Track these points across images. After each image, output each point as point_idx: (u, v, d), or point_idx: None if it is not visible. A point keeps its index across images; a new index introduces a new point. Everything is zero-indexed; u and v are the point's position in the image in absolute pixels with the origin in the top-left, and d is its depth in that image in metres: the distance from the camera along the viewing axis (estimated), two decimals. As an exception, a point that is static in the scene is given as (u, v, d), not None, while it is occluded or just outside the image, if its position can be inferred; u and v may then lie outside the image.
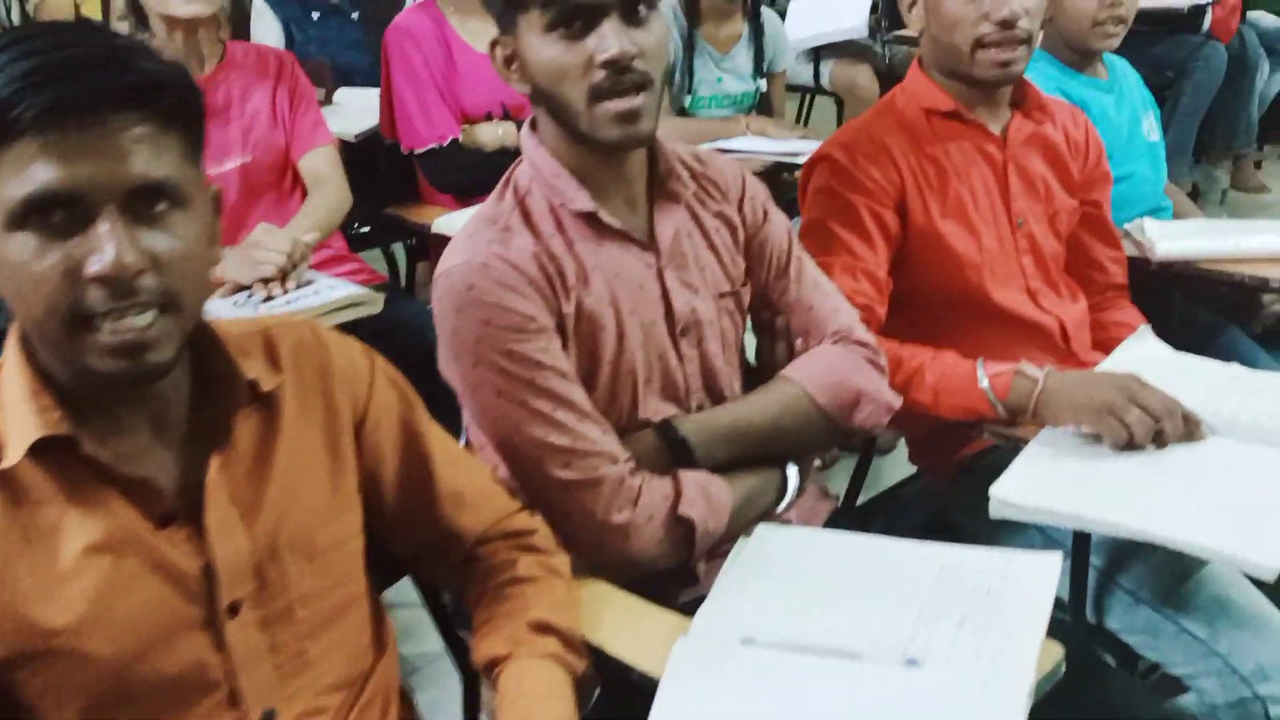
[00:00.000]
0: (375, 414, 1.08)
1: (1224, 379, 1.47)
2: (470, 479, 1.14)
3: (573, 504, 1.19)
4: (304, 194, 2.11)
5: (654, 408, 1.30)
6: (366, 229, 2.68)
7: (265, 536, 0.97)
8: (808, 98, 4.67)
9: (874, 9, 3.71)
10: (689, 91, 2.71)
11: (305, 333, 1.06)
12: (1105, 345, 1.75)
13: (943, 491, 1.67)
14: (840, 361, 1.35)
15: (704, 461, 1.27)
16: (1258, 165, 4.56)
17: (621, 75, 1.18)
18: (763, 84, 2.79)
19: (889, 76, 3.82)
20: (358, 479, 1.07)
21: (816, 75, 4.06)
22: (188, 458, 0.96)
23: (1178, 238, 1.86)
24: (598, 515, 1.18)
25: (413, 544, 1.14)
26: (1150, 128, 2.21)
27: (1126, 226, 1.99)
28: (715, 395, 1.35)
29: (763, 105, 2.82)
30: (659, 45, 1.21)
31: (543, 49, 1.18)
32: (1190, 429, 1.32)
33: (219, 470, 0.95)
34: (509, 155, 2.37)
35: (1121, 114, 2.16)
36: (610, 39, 1.16)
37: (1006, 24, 1.52)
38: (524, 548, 1.13)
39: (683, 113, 2.73)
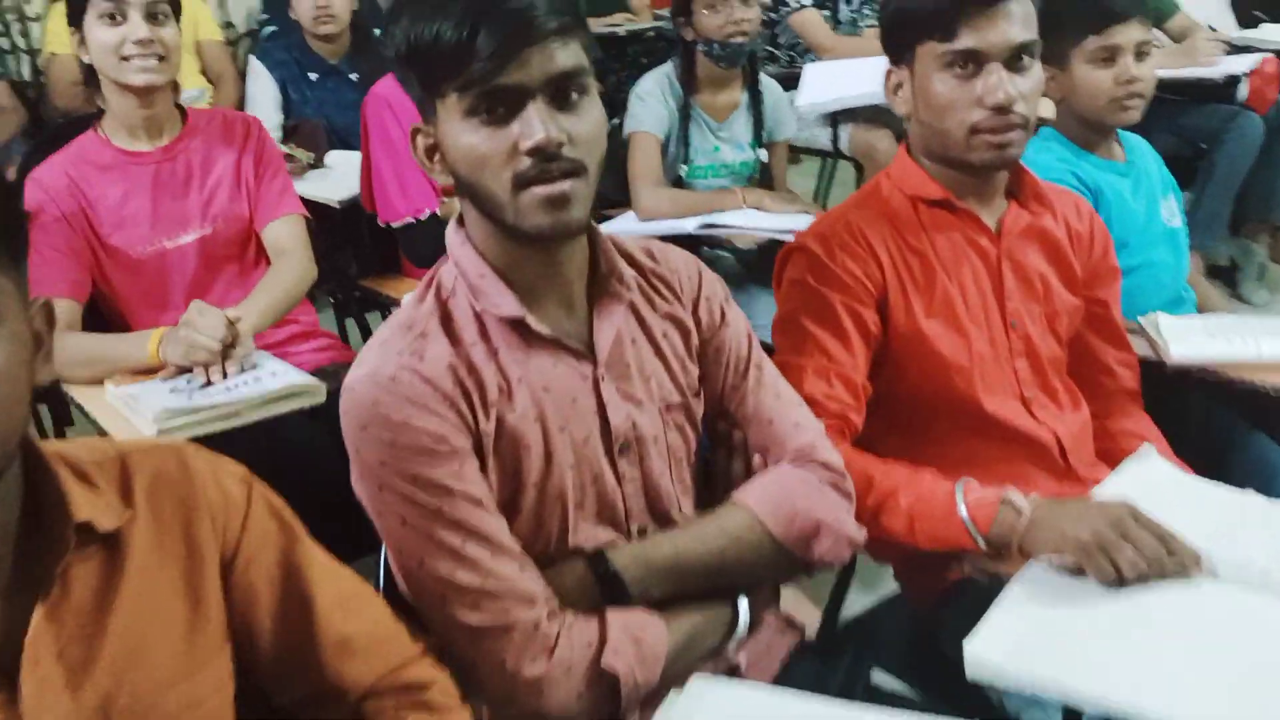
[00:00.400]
0: (249, 550, 0.96)
1: (1237, 510, 1.31)
2: (360, 623, 1.01)
3: (480, 652, 1.05)
4: (269, 265, 2.02)
5: (588, 534, 1.17)
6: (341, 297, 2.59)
7: (97, 701, 0.85)
8: (829, 163, 4.56)
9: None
10: (685, 161, 2.60)
11: (168, 460, 0.94)
12: (1112, 457, 1.59)
13: (929, 616, 1.52)
14: (799, 486, 1.21)
15: (639, 598, 1.14)
16: (1299, 237, 4.37)
17: (549, 163, 1.06)
18: (763, 154, 2.67)
19: (908, 142, 3.70)
20: (226, 625, 0.94)
21: (835, 140, 3.95)
22: (11, 609, 0.83)
23: (1194, 338, 1.70)
24: (508, 666, 1.05)
25: (293, 696, 1.01)
26: (1171, 213, 2.05)
27: (1140, 320, 1.84)
28: (660, 518, 1.22)
29: (764, 176, 2.70)
30: (593, 131, 1.10)
31: (462, 136, 1.07)
32: (1187, 566, 1.16)
33: (45, 623, 0.83)
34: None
35: (1139, 198, 2.01)
36: (535, 125, 1.05)
37: (1001, 109, 1.39)
38: (417, 705, 1.00)
39: (678, 182, 2.61)
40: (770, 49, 4.28)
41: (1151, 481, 1.36)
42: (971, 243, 1.49)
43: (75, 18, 1.85)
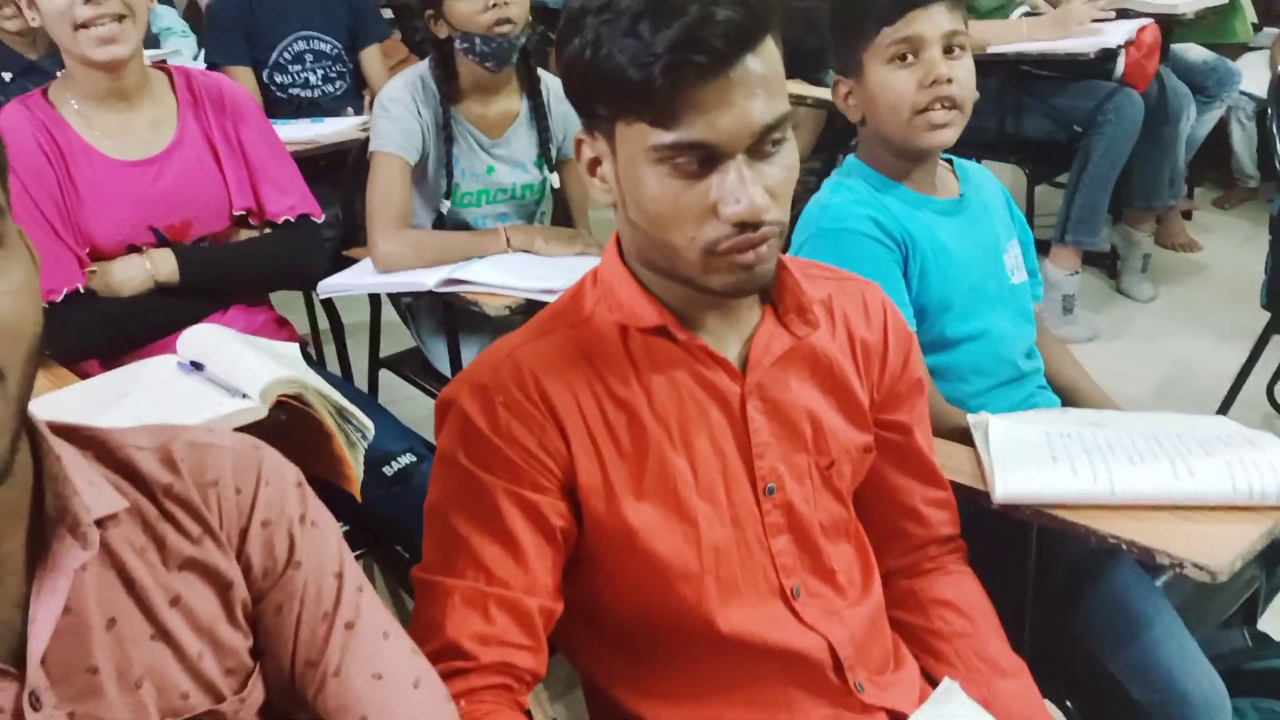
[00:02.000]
0: None
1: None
2: None
3: None
4: None
5: None
6: None
7: None
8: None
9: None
10: (448, 190, 2.09)
11: None
12: (919, 638, 1.20)
13: None
14: None
15: None
16: (1187, 215, 4.04)
17: None
18: (554, 177, 2.18)
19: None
20: None
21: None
22: None
23: (1030, 463, 1.27)
24: None
25: None
26: (1015, 264, 1.63)
27: (971, 420, 1.42)
28: None
29: (558, 203, 2.21)
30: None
31: None
32: None
33: None
34: (167, 296, 1.77)
35: (972, 245, 1.57)
36: None
37: (746, 226, 0.94)
38: None
39: (440, 218, 2.12)
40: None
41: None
42: (703, 383, 1.04)
43: None
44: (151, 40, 3.47)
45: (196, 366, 1.61)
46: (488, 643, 0.94)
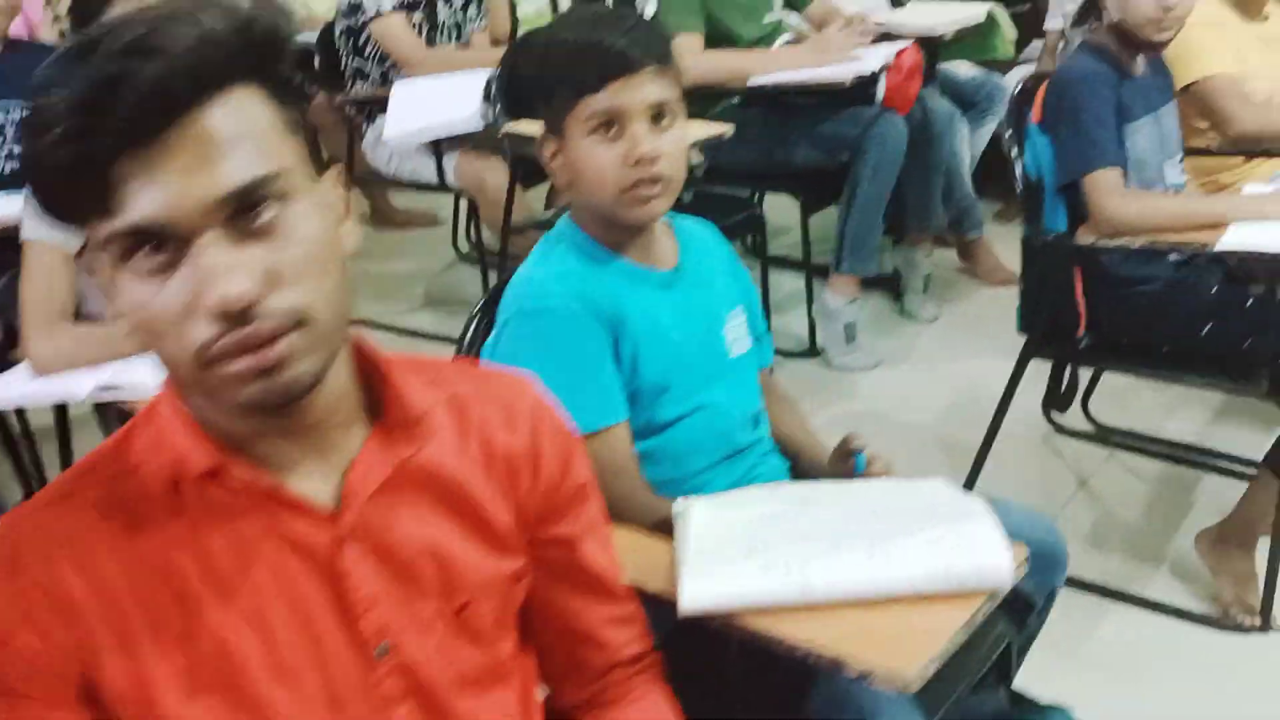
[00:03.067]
0: None
1: None
2: None
3: None
4: None
5: None
6: None
7: None
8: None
9: (487, 94, 2.97)
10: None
11: None
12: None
13: None
14: None
15: None
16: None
17: None
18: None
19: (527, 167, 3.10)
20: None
21: (440, 172, 3.30)
22: None
23: (718, 562, 1.12)
24: None
25: None
26: (736, 336, 1.49)
27: (675, 508, 1.27)
28: None
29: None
30: None
31: None
32: None
33: None
34: None
35: (689, 321, 1.43)
36: None
37: (233, 320, 0.75)
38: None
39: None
40: (360, 63, 3.57)
41: None
42: (277, 535, 0.85)
43: None
44: None
45: None
46: None
